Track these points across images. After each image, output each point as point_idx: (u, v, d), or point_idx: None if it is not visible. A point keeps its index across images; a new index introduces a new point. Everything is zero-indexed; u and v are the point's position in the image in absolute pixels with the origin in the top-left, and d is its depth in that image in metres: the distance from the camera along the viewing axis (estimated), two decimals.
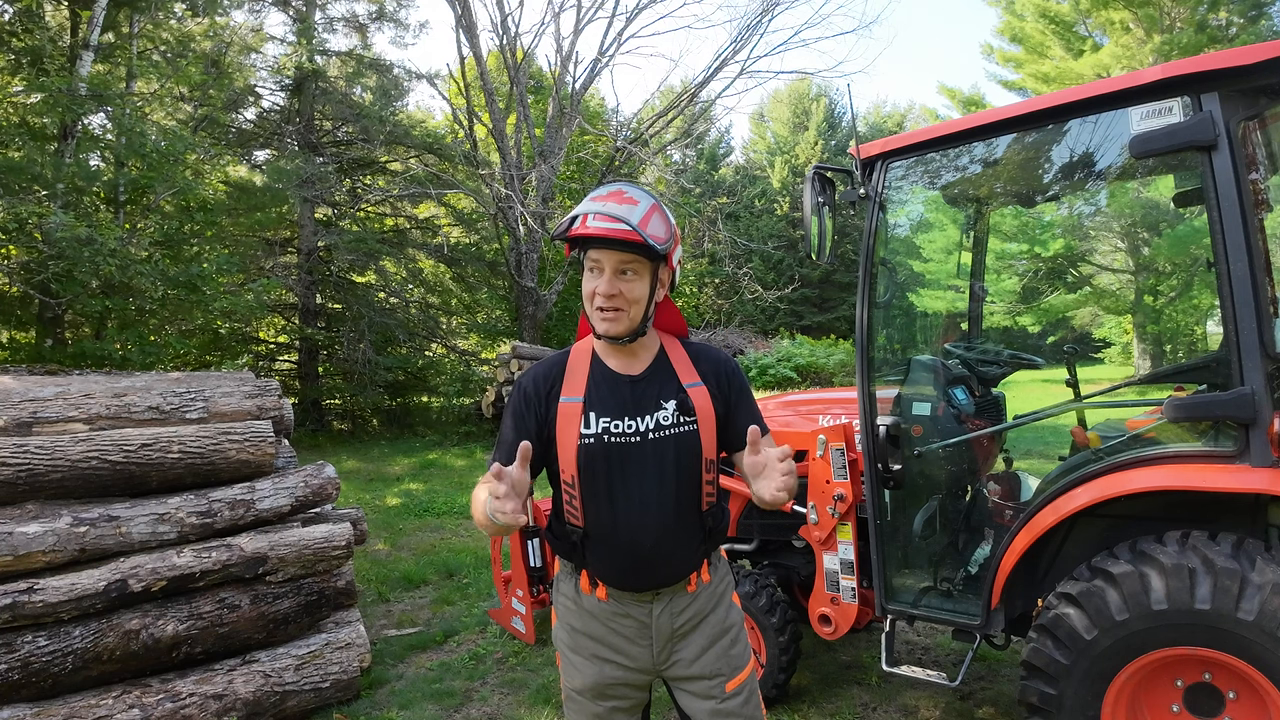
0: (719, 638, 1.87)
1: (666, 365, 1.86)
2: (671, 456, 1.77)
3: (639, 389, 1.80)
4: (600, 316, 1.74)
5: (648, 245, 1.68)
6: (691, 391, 1.82)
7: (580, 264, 1.81)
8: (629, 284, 1.73)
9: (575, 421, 1.76)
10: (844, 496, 3.25)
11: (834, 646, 4.20)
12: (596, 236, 1.68)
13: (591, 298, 1.75)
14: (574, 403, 1.78)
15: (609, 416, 1.76)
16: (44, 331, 9.87)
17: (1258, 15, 17.16)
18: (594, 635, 1.84)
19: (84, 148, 9.52)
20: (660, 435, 1.77)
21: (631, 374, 1.82)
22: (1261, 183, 2.76)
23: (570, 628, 1.88)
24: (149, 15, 10.94)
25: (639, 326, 1.78)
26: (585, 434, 1.75)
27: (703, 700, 1.84)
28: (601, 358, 1.85)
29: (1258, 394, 2.35)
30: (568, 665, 1.90)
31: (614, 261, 1.72)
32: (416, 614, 5.11)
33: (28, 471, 3.34)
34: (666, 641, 1.83)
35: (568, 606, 1.89)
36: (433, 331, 16.16)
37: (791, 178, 33.53)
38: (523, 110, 15.26)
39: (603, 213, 1.68)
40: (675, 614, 1.83)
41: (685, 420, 1.79)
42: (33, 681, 3.06)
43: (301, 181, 12.77)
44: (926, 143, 3.05)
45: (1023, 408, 3.86)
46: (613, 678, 1.84)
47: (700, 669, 1.83)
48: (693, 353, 1.90)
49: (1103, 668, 2.44)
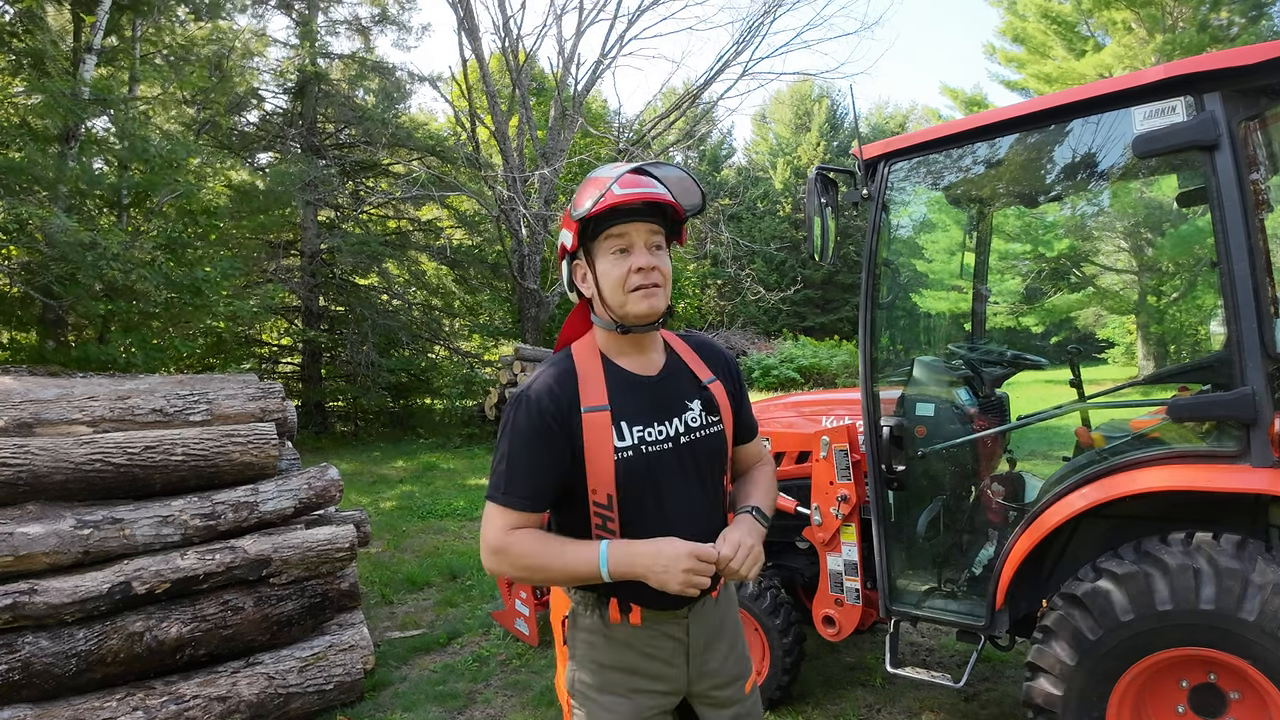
0: (735, 640, 1.80)
1: (679, 362, 1.74)
2: (705, 460, 1.67)
3: (661, 390, 1.67)
4: (641, 295, 1.57)
5: (677, 211, 1.62)
6: (712, 388, 1.73)
7: (578, 261, 1.67)
8: (661, 257, 1.61)
9: (606, 433, 1.57)
10: (847, 498, 3.24)
11: (838, 648, 4.19)
12: (626, 205, 1.56)
13: (623, 281, 1.58)
14: (600, 412, 1.58)
15: (641, 424, 1.61)
16: (46, 333, 9.89)
17: (1259, 15, 17.15)
18: (627, 667, 1.66)
19: (87, 151, 9.53)
20: (691, 438, 1.66)
21: (650, 374, 1.68)
22: (1263, 183, 2.76)
23: (597, 666, 1.68)
24: (152, 19, 10.97)
25: (670, 305, 1.66)
26: (620, 446, 1.58)
27: (723, 709, 1.74)
28: (613, 359, 1.67)
29: (1258, 394, 2.35)
30: (593, 709, 1.67)
31: (644, 234, 1.59)
32: (420, 616, 5.11)
33: (29, 472, 3.34)
34: (700, 654, 1.71)
35: (593, 642, 1.68)
36: (435, 333, 16.18)
37: (794, 179, 33.52)
38: (525, 112, 15.28)
39: (627, 182, 1.56)
40: (706, 624, 1.71)
41: (712, 420, 1.70)
42: (35, 683, 3.07)
43: (304, 184, 12.80)
44: (929, 143, 3.05)
45: (1026, 408, 3.85)
46: (649, 708, 1.67)
47: (725, 674, 1.75)
48: (694, 345, 1.80)
49: (1107, 668, 2.43)
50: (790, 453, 3.59)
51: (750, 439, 1.86)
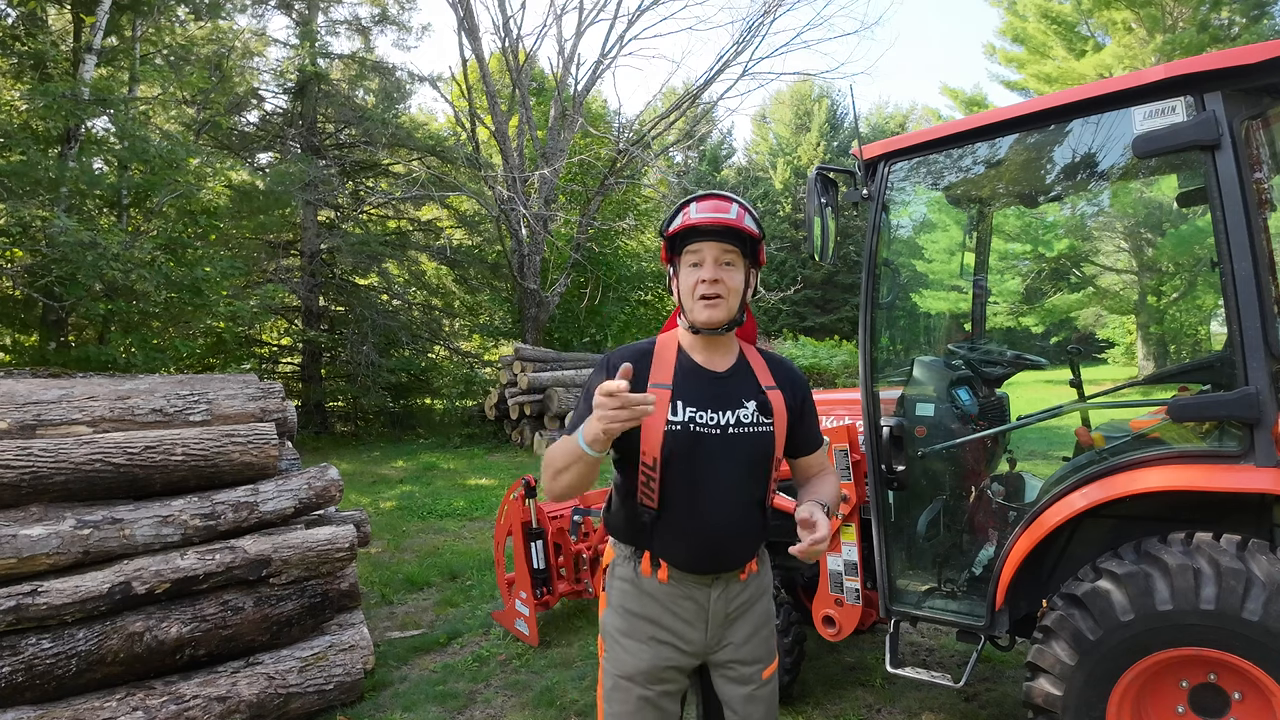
0: (761, 627, 1.98)
1: (747, 367, 1.96)
2: (748, 451, 1.87)
3: (723, 385, 1.90)
4: (704, 304, 1.84)
5: (746, 234, 1.85)
6: (770, 394, 1.93)
7: (672, 272, 1.93)
8: (728, 273, 1.85)
9: (663, 407, 1.83)
10: (847, 498, 3.24)
11: (838, 648, 4.19)
12: (701, 226, 1.83)
13: (693, 289, 1.84)
14: (663, 389, 1.85)
15: (695, 407, 1.85)
16: (47, 335, 9.90)
17: (1260, 15, 17.16)
18: (652, 618, 1.90)
19: (87, 151, 9.53)
20: (740, 431, 1.87)
21: (716, 370, 1.92)
22: (1265, 182, 2.76)
23: (626, 611, 1.92)
24: (152, 19, 10.97)
25: (736, 316, 1.89)
26: (672, 420, 1.83)
27: (740, 685, 1.93)
28: (688, 351, 1.93)
29: (1262, 394, 2.34)
30: (617, 651, 1.92)
31: (715, 251, 1.84)
32: (420, 616, 5.11)
33: (31, 474, 3.34)
34: (720, 625, 1.91)
35: (625, 590, 1.93)
36: (435, 334, 16.18)
37: (794, 179, 33.54)
38: (525, 112, 15.27)
39: (703, 206, 1.85)
40: (730, 599, 1.91)
41: (763, 420, 1.90)
42: (36, 684, 3.07)
43: (304, 184, 12.80)
44: (929, 143, 3.05)
45: (1026, 408, 3.85)
46: (668, 659, 1.89)
47: (745, 654, 1.94)
48: (768, 360, 2.02)
49: (1108, 668, 2.43)
50: None
51: (812, 451, 2.07)
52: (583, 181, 16.85)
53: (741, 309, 1.91)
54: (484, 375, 15.25)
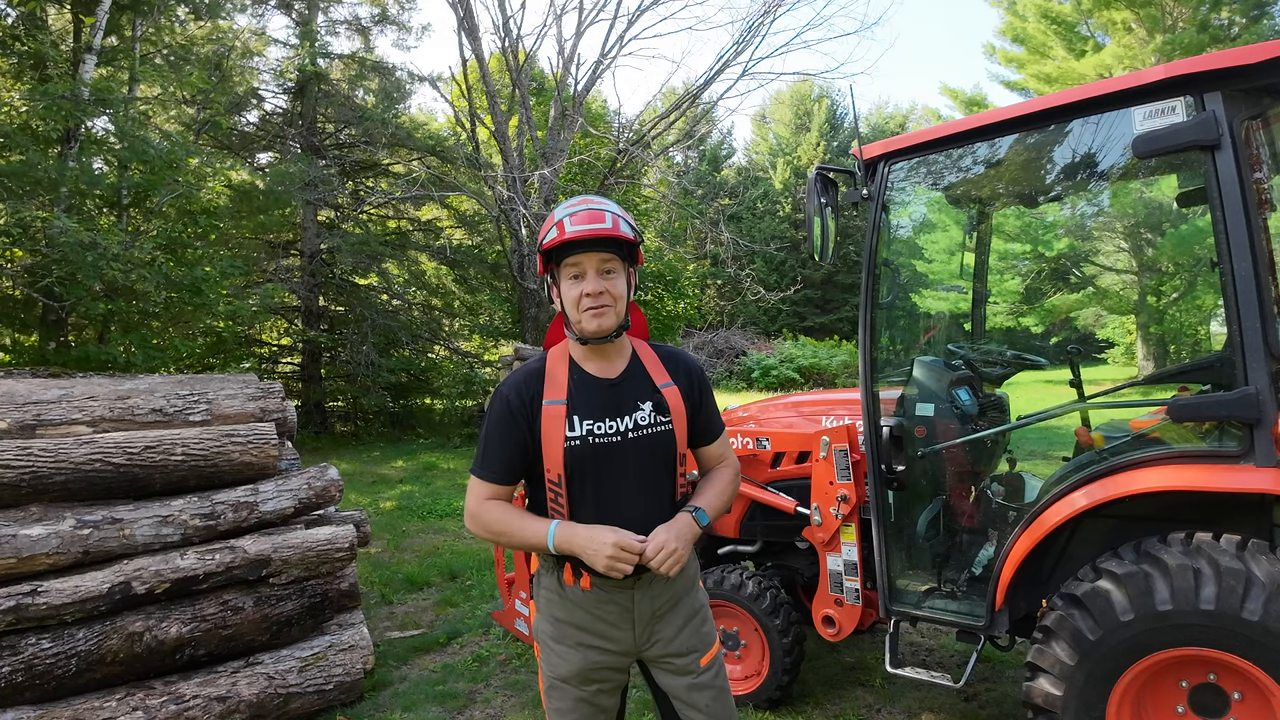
0: (692, 617, 1.99)
1: (640, 368, 1.98)
2: (649, 453, 1.91)
3: (617, 391, 1.92)
4: (591, 315, 1.84)
5: (623, 241, 1.85)
6: (665, 392, 1.96)
7: (551, 281, 1.92)
8: (611, 281, 1.86)
9: (560, 424, 1.86)
10: (847, 498, 3.24)
11: (838, 648, 4.19)
12: (579, 239, 1.81)
13: (577, 302, 1.85)
14: (557, 405, 1.88)
15: (591, 419, 1.88)
16: (47, 335, 9.89)
17: (1260, 15, 17.16)
18: (578, 623, 1.93)
19: (87, 152, 9.53)
20: (639, 434, 1.90)
21: (609, 377, 1.94)
22: (1265, 182, 2.76)
23: (554, 618, 1.95)
24: (151, 19, 10.96)
25: (624, 320, 1.91)
26: (570, 436, 1.86)
27: (680, 676, 1.96)
28: (579, 363, 1.94)
29: (1262, 394, 2.35)
30: (550, 655, 1.97)
31: (595, 262, 1.84)
32: (419, 616, 5.11)
33: (31, 474, 3.34)
34: (647, 623, 1.94)
35: (550, 599, 1.96)
36: (435, 333, 16.16)
37: (794, 179, 33.52)
38: (525, 112, 15.26)
39: (576, 218, 1.82)
40: (654, 597, 1.94)
41: (661, 420, 1.93)
42: (36, 684, 3.07)
43: (304, 184, 12.79)
44: (929, 143, 3.05)
45: (1026, 408, 3.85)
46: (597, 662, 1.93)
47: (678, 646, 1.96)
48: (661, 354, 2.04)
49: (1107, 669, 2.43)
50: (790, 453, 3.59)
51: (710, 441, 2.09)
52: (583, 181, 16.85)
53: (627, 312, 1.92)
54: (484, 375, 15.22)
